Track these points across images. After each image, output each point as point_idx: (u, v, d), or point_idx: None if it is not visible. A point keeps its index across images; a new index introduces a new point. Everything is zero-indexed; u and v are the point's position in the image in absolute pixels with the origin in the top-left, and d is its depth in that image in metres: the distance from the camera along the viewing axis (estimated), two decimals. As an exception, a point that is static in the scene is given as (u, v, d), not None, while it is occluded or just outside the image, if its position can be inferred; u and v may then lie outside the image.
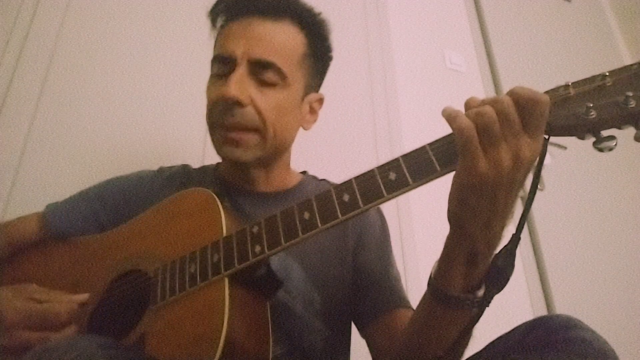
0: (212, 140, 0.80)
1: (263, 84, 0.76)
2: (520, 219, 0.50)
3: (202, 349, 0.51)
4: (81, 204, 0.84)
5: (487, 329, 0.54)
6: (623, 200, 1.90)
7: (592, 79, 0.49)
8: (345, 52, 1.54)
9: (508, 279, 0.50)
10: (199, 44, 1.33)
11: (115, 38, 1.24)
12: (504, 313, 0.53)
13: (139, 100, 1.20)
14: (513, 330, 0.58)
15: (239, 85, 0.74)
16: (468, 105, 0.51)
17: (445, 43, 1.87)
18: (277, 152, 0.83)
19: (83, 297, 0.66)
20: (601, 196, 1.85)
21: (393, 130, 1.52)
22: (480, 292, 0.53)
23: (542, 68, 2.06)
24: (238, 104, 0.74)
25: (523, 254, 1.56)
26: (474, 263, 0.52)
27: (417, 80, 1.71)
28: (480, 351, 0.60)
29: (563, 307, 1.51)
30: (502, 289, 0.51)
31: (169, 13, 1.33)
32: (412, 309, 0.78)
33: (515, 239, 0.50)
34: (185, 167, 0.93)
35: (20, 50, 1.11)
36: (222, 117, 0.76)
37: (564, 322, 0.53)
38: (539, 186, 0.49)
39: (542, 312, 1.49)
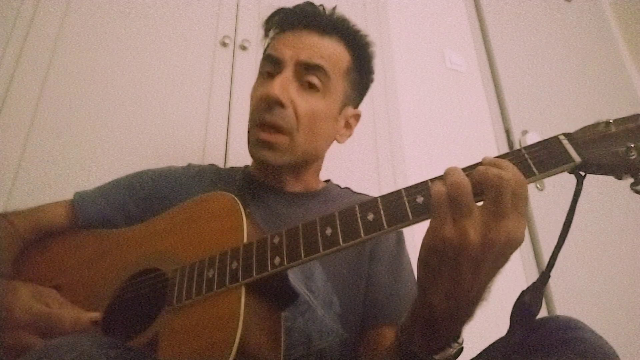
0: (248, 139, 0.84)
1: (305, 88, 0.81)
2: (551, 257, 0.49)
3: (213, 356, 0.51)
4: (111, 194, 0.85)
5: (488, 330, 0.54)
6: (623, 200, 1.90)
7: (635, 117, 0.47)
8: (345, 52, 1.53)
9: (534, 317, 0.50)
10: (199, 44, 1.33)
11: (115, 38, 1.24)
12: (504, 314, 0.53)
13: (139, 100, 1.20)
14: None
15: (283, 86, 0.79)
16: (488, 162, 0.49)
17: (445, 43, 1.87)
18: (307, 159, 0.86)
19: (95, 315, 0.64)
20: (601, 196, 1.85)
21: (393, 130, 1.52)
22: (438, 356, 0.53)
23: (542, 68, 2.06)
24: (279, 104, 0.78)
25: (523, 254, 1.56)
26: (435, 330, 0.52)
27: (417, 80, 1.71)
28: (481, 353, 0.60)
29: (563, 308, 1.51)
30: (528, 325, 0.50)
31: (170, 13, 1.33)
32: None
33: (545, 277, 0.50)
34: (213, 166, 0.96)
35: (20, 50, 1.11)
36: (261, 115, 0.80)
37: (564, 323, 0.53)
38: (537, 186, 0.49)
39: (543, 312, 1.49)
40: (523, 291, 0.50)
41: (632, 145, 0.45)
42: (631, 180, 0.46)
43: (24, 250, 0.78)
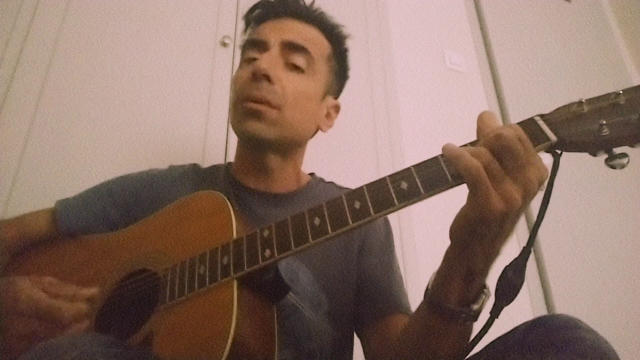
0: (233, 117, 0.82)
1: (291, 68, 0.82)
2: (531, 233, 0.50)
3: (208, 350, 0.51)
4: (92, 201, 0.84)
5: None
6: (623, 200, 1.90)
7: (606, 96, 0.48)
8: (345, 52, 1.53)
9: (518, 292, 0.51)
10: (199, 44, 1.34)
11: (115, 38, 1.24)
12: (504, 313, 0.53)
13: (138, 100, 1.20)
14: (513, 330, 0.58)
15: (270, 63, 0.79)
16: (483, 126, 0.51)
17: (445, 43, 1.87)
18: (294, 139, 0.84)
19: (92, 291, 0.66)
20: (601, 196, 1.85)
21: (393, 131, 1.52)
22: (475, 306, 0.55)
23: (542, 68, 2.06)
24: (267, 78, 0.78)
25: (523, 254, 1.56)
26: (472, 278, 0.53)
27: (417, 80, 1.71)
28: (480, 351, 0.60)
29: (563, 307, 1.51)
30: (511, 301, 0.51)
31: (170, 13, 1.33)
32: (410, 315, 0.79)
33: (526, 253, 0.51)
34: (195, 167, 0.94)
35: (20, 50, 1.11)
36: (248, 89, 0.79)
37: (564, 322, 0.53)
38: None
39: (542, 312, 1.49)
40: (506, 267, 0.52)
41: (605, 122, 0.47)
42: (605, 156, 0.48)
43: (12, 261, 0.78)
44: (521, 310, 1.44)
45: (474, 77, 1.86)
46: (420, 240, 1.37)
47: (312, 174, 0.97)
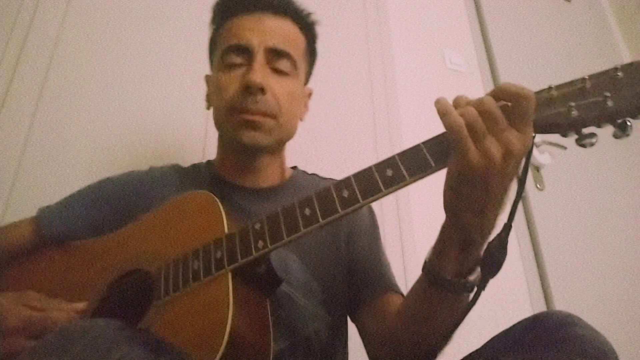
0: (227, 125, 0.82)
1: (277, 72, 0.83)
2: (512, 208, 0.53)
3: (206, 342, 0.51)
4: (75, 207, 0.84)
5: (487, 327, 0.54)
6: (623, 200, 1.90)
7: (573, 82, 0.53)
8: (345, 52, 1.54)
9: (501, 265, 0.53)
10: (198, 43, 1.34)
11: (115, 38, 1.24)
12: (504, 311, 0.54)
13: (139, 100, 1.20)
14: (511, 327, 0.58)
15: (263, 74, 0.80)
16: (457, 102, 0.54)
17: (445, 43, 1.87)
18: (285, 140, 0.88)
19: (81, 305, 0.66)
20: (601, 196, 1.85)
21: (393, 130, 1.53)
22: (472, 277, 0.57)
23: (542, 68, 2.06)
24: (262, 90, 0.79)
25: (523, 253, 1.56)
26: (467, 250, 0.55)
27: (417, 80, 1.71)
28: (480, 349, 0.60)
29: (562, 306, 1.50)
30: (495, 274, 0.54)
31: (169, 12, 1.33)
32: (402, 294, 0.81)
33: (507, 227, 0.54)
34: (175, 167, 0.94)
35: (20, 50, 1.11)
36: (243, 102, 0.79)
37: (563, 320, 0.54)
38: (537, 185, 0.50)
39: (541, 308, 1.49)
40: (489, 242, 0.55)
41: (573, 104, 0.50)
42: (575, 136, 0.51)
43: None
44: (521, 310, 1.44)
45: (474, 77, 1.86)
46: (420, 240, 1.37)
47: (294, 167, 0.98)
